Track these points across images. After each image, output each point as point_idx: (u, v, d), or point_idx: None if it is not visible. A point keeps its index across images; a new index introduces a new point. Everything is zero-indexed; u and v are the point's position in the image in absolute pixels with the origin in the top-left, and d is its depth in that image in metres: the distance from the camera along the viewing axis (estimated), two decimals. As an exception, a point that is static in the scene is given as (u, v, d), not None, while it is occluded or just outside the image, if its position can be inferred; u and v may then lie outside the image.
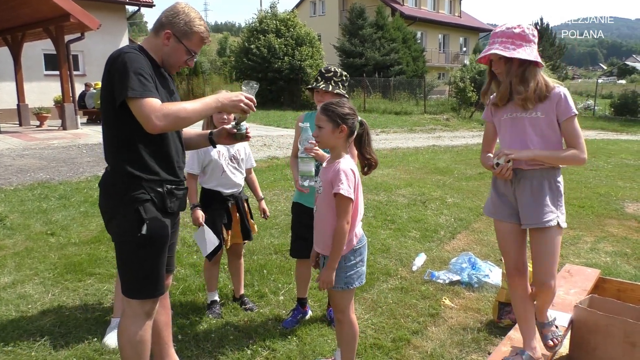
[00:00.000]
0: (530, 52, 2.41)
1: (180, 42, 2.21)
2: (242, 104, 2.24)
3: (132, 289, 2.24)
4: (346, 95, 3.12)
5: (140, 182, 2.16)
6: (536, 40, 2.46)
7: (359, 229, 2.53)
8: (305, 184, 2.87)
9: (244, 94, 2.26)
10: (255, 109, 2.29)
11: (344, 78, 3.13)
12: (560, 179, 2.54)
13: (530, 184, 2.51)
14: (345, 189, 2.34)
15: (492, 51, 2.42)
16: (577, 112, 2.44)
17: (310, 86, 3.14)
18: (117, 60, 2.08)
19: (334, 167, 2.41)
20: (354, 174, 2.41)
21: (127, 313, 2.28)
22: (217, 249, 3.37)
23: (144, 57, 2.15)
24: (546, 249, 2.51)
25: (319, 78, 3.09)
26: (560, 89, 2.44)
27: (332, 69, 3.13)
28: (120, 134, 2.16)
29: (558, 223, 2.50)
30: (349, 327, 2.59)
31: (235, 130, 2.46)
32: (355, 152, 2.65)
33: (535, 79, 2.43)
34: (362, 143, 2.53)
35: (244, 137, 2.51)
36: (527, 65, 2.41)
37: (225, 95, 2.23)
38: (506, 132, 2.56)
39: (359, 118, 2.51)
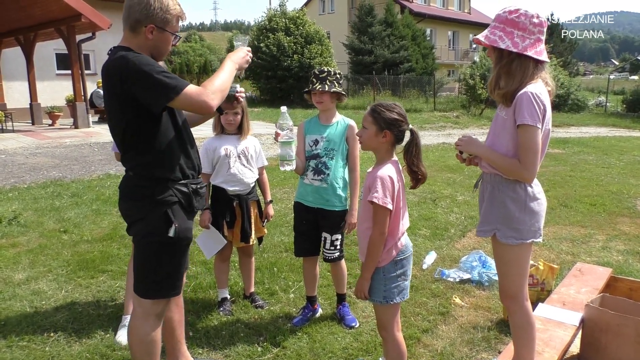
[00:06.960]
0: (520, 43, 2.12)
1: (165, 30, 2.16)
2: (248, 57, 2.35)
3: (149, 288, 2.23)
4: (344, 93, 3.18)
5: (167, 183, 2.15)
6: (538, 30, 2.15)
7: (401, 240, 2.36)
8: (284, 168, 2.79)
9: (244, 48, 2.37)
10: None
11: (338, 76, 3.16)
12: (523, 192, 2.22)
13: (486, 189, 2.33)
14: (380, 197, 2.21)
15: (477, 36, 2.22)
16: (530, 124, 2.08)
17: (306, 89, 3.17)
18: (128, 67, 2.00)
19: (373, 173, 2.30)
20: (391, 181, 2.25)
21: (137, 313, 2.27)
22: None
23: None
24: (496, 261, 2.40)
25: (314, 80, 3.12)
26: (528, 88, 2.10)
27: (325, 69, 3.15)
28: (139, 141, 2.13)
29: (497, 237, 2.28)
30: (393, 345, 2.41)
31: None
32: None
33: (524, 74, 2.14)
34: (409, 154, 2.32)
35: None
36: (515, 57, 2.13)
37: (236, 56, 2.31)
38: (490, 128, 2.35)
39: (410, 126, 2.33)
